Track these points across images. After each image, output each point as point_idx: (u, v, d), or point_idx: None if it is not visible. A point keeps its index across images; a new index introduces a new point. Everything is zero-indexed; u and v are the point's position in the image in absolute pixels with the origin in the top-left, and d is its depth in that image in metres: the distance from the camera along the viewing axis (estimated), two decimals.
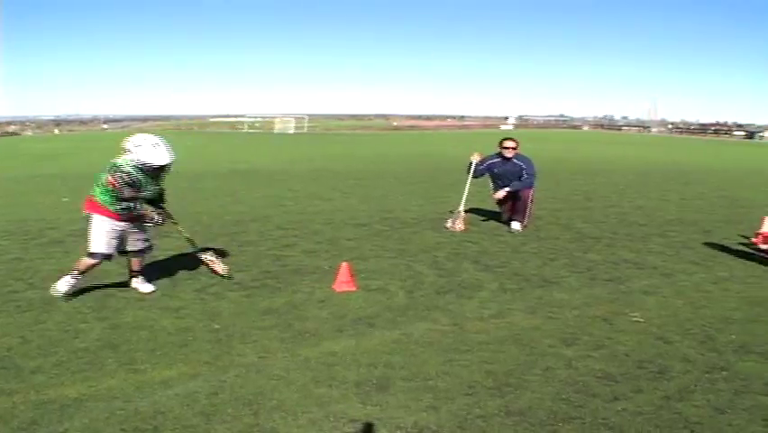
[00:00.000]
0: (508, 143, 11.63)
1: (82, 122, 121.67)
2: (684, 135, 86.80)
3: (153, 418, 4.45)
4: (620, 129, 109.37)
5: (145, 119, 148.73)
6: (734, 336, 6.14)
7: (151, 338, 6.00)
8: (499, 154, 11.71)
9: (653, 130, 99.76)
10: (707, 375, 5.22)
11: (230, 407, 4.62)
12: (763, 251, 9.66)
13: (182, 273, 8.31)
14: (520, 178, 11.43)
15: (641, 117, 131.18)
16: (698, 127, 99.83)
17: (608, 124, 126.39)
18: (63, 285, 7.13)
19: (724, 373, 5.27)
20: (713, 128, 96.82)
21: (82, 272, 7.20)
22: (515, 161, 11.55)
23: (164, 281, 7.92)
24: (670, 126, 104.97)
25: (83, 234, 10.36)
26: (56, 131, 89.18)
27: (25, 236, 10.72)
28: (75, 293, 7.27)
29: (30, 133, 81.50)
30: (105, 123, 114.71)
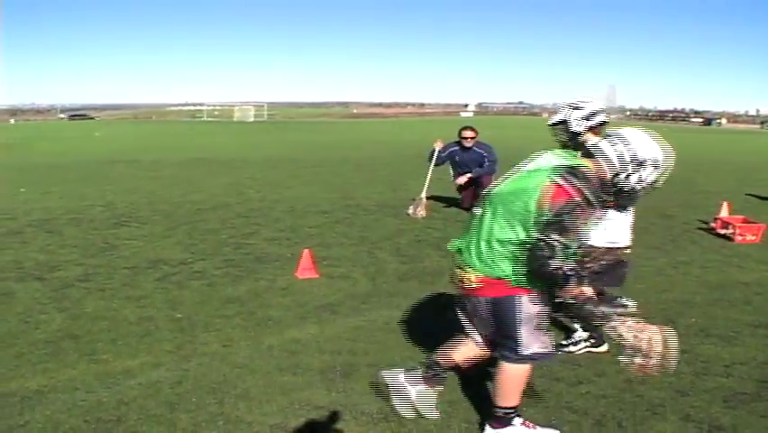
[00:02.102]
0: (467, 133, 11.69)
1: (38, 111, 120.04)
2: (643, 122, 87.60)
3: (116, 408, 4.40)
4: None
5: (103, 108, 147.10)
6: (694, 320, 6.22)
7: (113, 328, 5.93)
8: (459, 143, 11.76)
9: (612, 117, 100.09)
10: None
11: (194, 396, 4.59)
12: (721, 235, 9.81)
13: (143, 262, 8.22)
14: (481, 165, 11.49)
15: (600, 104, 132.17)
16: (656, 114, 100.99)
17: None
18: None
19: (685, 355, 5.30)
20: (671, 115, 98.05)
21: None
22: (475, 148, 11.62)
23: (124, 271, 7.83)
24: (628, 113, 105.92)
25: (40, 225, 10.30)
26: (12, 121, 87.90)
27: None
28: (32, 285, 7.20)
29: None
30: (62, 112, 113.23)
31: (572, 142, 5.00)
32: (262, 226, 10.64)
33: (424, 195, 11.74)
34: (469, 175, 11.49)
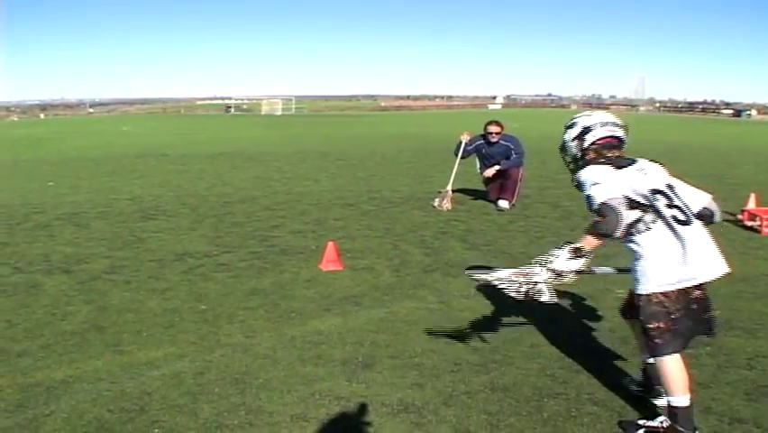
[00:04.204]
0: (493, 128, 11.63)
1: (68, 106, 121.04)
2: (672, 114, 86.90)
3: (140, 398, 4.46)
4: (608, 108, 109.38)
5: (132, 103, 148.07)
6: (718, 312, 6.15)
7: (138, 320, 5.99)
8: (485, 137, 11.72)
9: (641, 109, 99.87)
10: (690, 351, 5.20)
11: (216, 386, 4.63)
12: (748, 227, 9.72)
13: (168, 255, 8.29)
14: (508, 157, 11.45)
15: (629, 96, 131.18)
16: (685, 106, 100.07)
17: (596, 103, 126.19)
18: None
19: (708, 348, 5.29)
20: (701, 106, 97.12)
21: None
22: (502, 141, 11.58)
23: (150, 264, 7.90)
24: (657, 105, 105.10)
25: (69, 218, 10.43)
26: (42, 115, 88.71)
27: (11, 221, 10.68)
28: (60, 278, 7.30)
29: (15, 119, 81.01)
30: (90, 107, 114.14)
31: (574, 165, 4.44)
32: (288, 219, 10.68)
33: (449, 187, 11.72)
34: (497, 167, 11.46)
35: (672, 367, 3.90)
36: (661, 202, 3.89)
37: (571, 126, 4.38)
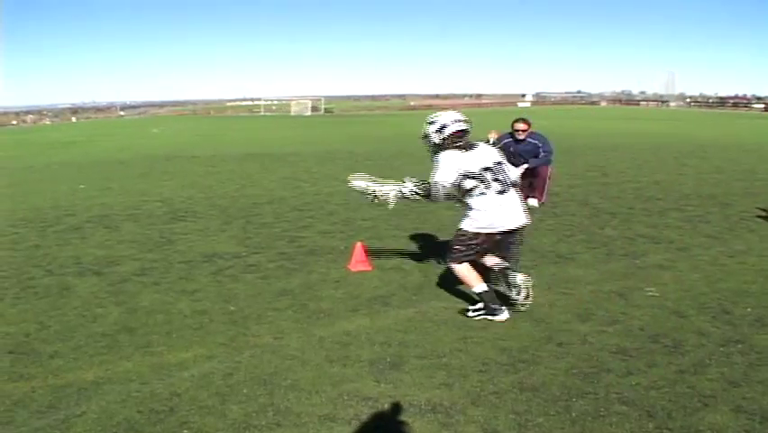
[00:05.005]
0: (520, 125, 11.56)
1: (98, 109, 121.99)
2: (703, 109, 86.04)
3: (169, 399, 4.49)
4: (638, 104, 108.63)
5: (162, 105, 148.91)
6: (749, 310, 6.11)
7: (168, 321, 6.05)
8: (512, 135, 11.67)
9: (672, 104, 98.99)
10: (721, 349, 5.20)
11: (245, 387, 4.66)
12: None
13: (198, 256, 8.34)
14: (537, 156, 11.40)
15: (659, 92, 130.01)
16: (716, 101, 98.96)
17: (625, 100, 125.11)
18: None
19: (739, 346, 5.24)
20: (732, 101, 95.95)
21: None
22: (529, 139, 11.51)
23: (180, 266, 7.96)
24: (688, 100, 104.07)
25: (99, 221, 10.54)
26: (73, 119, 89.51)
27: (42, 223, 10.81)
28: (91, 280, 7.39)
29: (48, 122, 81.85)
30: (121, 110, 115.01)
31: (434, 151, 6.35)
32: (316, 220, 10.70)
33: None
34: (525, 166, 11.40)
35: (463, 270, 6.11)
36: (489, 176, 5.94)
37: (432, 123, 6.31)
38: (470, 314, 6.04)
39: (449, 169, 5.98)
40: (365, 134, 36.55)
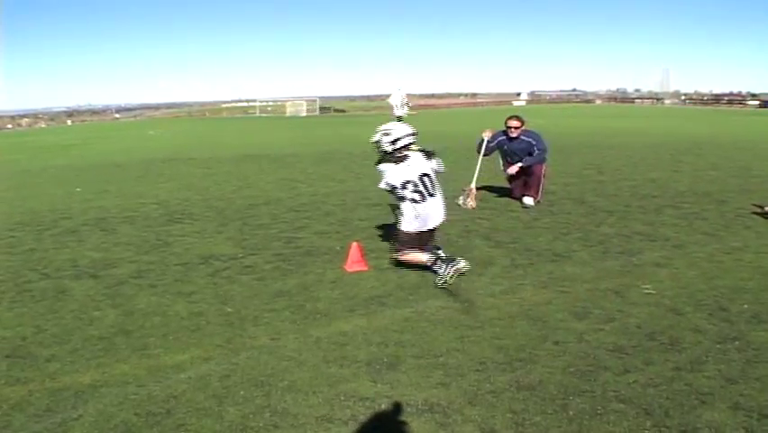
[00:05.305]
0: (512, 123, 11.53)
1: (94, 112, 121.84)
2: (698, 106, 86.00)
3: (166, 401, 4.50)
4: (633, 102, 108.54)
5: (157, 107, 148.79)
6: (746, 306, 6.11)
7: (164, 324, 6.05)
8: (505, 132, 11.67)
9: (667, 101, 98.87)
10: (718, 346, 5.21)
11: (242, 389, 4.66)
12: None
13: (194, 258, 8.34)
14: (531, 154, 11.39)
15: (654, 89, 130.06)
16: (711, 98, 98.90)
17: (621, 97, 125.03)
18: None
19: (736, 342, 5.25)
20: (726, 98, 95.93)
21: None
22: (523, 137, 11.49)
23: (177, 268, 7.96)
24: (683, 98, 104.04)
25: (96, 224, 10.53)
26: (69, 122, 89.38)
27: (39, 227, 10.80)
28: (87, 283, 7.39)
29: (43, 125, 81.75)
30: (117, 112, 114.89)
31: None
32: (313, 220, 10.69)
33: (473, 185, 11.66)
34: (519, 165, 11.40)
35: (408, 257, 7.34)
36: (421, 185, 7.29)
37: (387, 134, 7.44)
38: (441, 279, 6.91)
39: (387, 177, 7.33)
40: (360, 135, 36.54)
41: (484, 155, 11.88)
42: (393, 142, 7.38)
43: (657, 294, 6.50)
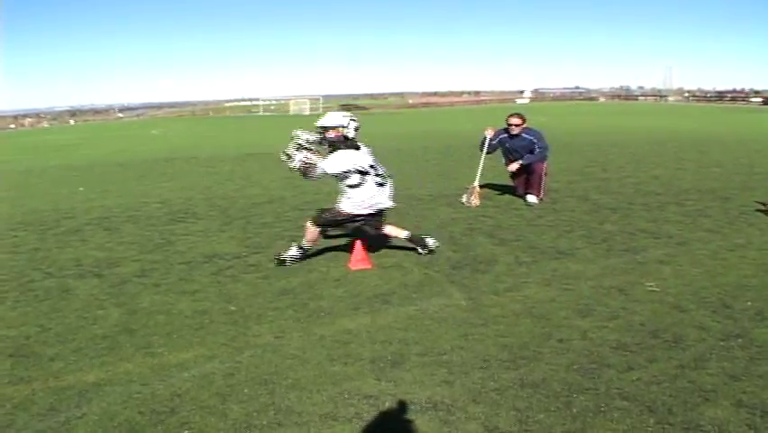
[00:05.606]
0: (513, 120, 11.52)
1: (97, 111, 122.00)
2: (701, 103, 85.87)
3: (170, 400, 4.50)
4: (636, 99, 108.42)
5: (160, 106, 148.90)
6: (750, 303, 6.10)
7: (168, 322, 6.05)
8: (507, 130, 11.66)
9: (670, 99, 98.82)
10: (722, 343, 5.20)
11: (246, 387, 4.66)
12: None
13: (198, 257, 8.34)
14: (532, 151, 11.38)
15: (657, 87, 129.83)
16: (714, 95, 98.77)
17: (624, 95, 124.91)
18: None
19: (739, 340, 5.24)
20: (730, 95, 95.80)
21: None
22: (524, 135, 11.48)
23: (180, 266, 7.96)
24: (686, 95, 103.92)
25: (99, 223, 10.54)
26: (71, 121, 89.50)
27: (42, 226, 10.82)
28: (91, 282, 7.40)
29: (46, 125, 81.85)
30: (120, 112, 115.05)
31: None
32: None
33: (477, 183, 11.67)
34: (520, 162, 11.39)
35: (315, 233, 7.84)
36: (372, 171, 7.65)
37: (354, 120, 7.76)
38: (288, 260, 7.89)
39: (343, 162, 7.49)
40: (363, 133, 36.56)
41: (487, 153, 11.88)
42: (357, 129, 7.79)
43: (661, 291, 6.49)
